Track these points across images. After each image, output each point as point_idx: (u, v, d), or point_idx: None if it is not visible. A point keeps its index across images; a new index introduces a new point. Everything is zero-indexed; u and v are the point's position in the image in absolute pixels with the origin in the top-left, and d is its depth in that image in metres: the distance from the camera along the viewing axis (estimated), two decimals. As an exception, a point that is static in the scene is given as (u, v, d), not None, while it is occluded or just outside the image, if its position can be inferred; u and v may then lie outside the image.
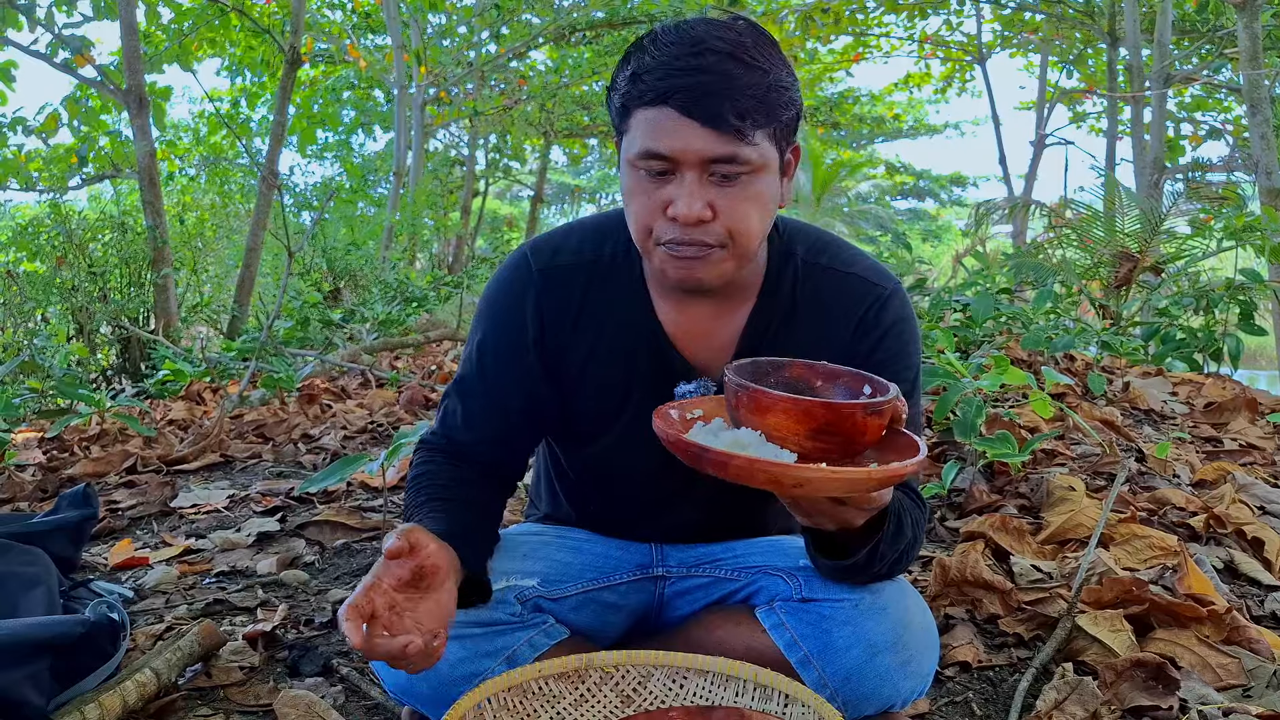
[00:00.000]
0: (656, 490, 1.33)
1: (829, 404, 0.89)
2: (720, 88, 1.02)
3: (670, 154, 1.04)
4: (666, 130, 1.04)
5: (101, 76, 6.69)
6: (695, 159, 1.04)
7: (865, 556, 1.11)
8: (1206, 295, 4.13)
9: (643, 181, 1.08)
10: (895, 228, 25.63)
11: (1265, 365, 10.43)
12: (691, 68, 1.02)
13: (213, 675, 1.45)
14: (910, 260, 7.60)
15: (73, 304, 6.20)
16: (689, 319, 1.23)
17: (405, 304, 7.25)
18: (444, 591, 1.03)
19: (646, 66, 1.05)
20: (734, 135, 1.03)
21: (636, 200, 1.10)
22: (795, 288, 1.23)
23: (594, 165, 25.17)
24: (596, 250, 1.25)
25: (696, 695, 1.16)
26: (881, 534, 1.09)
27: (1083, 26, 12.36)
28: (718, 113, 1.02)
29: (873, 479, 0.85)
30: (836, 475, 0.84)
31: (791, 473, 0.84)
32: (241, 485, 2.68)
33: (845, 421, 0.88)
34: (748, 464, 0.85)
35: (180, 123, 16.13)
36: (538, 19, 13.36)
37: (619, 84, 1.09)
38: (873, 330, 1.22)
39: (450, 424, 1.30)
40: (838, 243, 1.29)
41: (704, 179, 1.05)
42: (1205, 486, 2.33)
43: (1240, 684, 1.37)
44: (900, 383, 1.22)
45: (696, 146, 1.03)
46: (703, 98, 1.02)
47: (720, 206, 1.06)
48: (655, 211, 1.08)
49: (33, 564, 1.61)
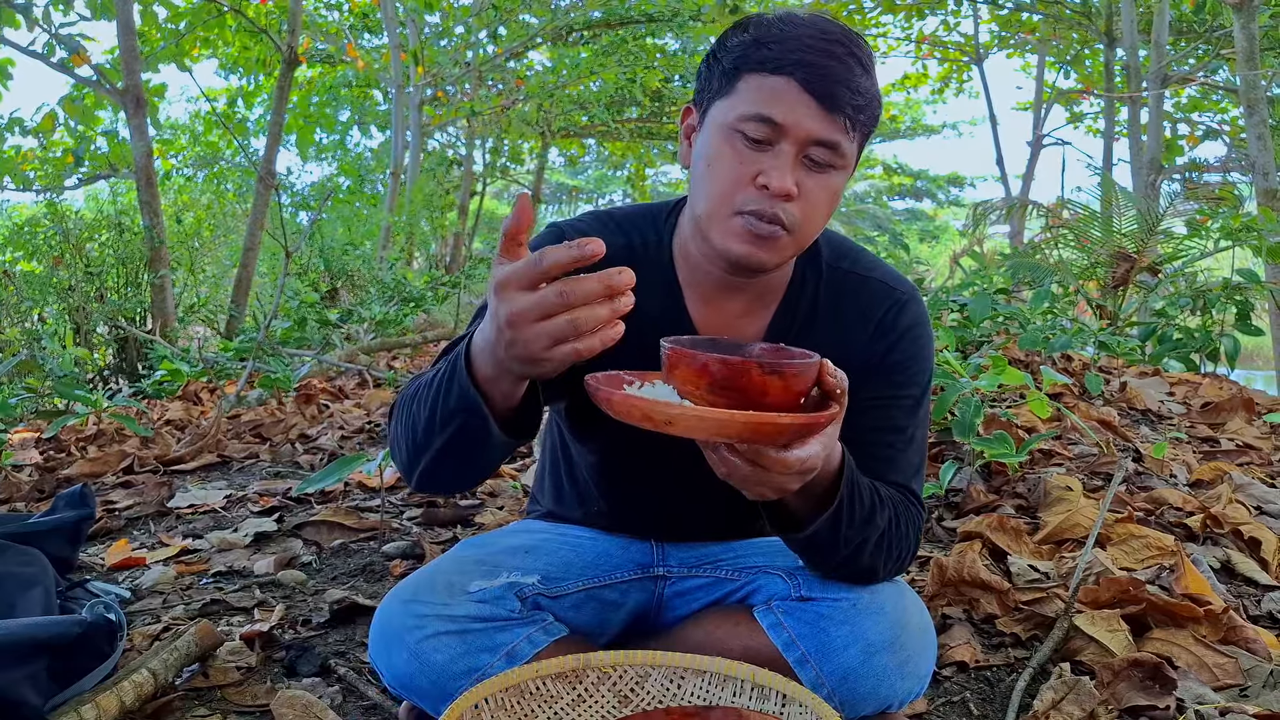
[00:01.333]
0: (663, 485, 1.33)
1: (723, 359, 0.90)
2: (844, 77, 1.05)
3: (783, 122, 1.06)
4: (784, 100, 1.05)
5: (98, 76, 6.68)
6: (802, 135, 1.06)
7: (826, 530, 1.08)
8: (1203, 295, 4.14)
9: (737, 146, 1.08)
10: (893, 228, 25.66)
11: (1262, 365, 10.44)
12: (822, 49, 1.05)
13: (210, 675, 1.45)
14: (908, 261, 7.61)
15: (69, 304, 6.20)
16: (718, 314, 1.24)
17: (403, 304, 7.24)
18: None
19: (774, 36, 1.07)
20: (842, 124, 1.06)
21: (724, 164, 1.09)
22: (819, 290, 1.25)
23: (591, 165, 25.16)
24: (629, 238, 1.25)
25: (694, 695, 1.16)
26: (837, 506, 1.06)
27: (1080, 27, 12.38)
28: (838, 98, 1.05)
29: (736, 420, 0.86)
30: (702, 414, 0.85)
31: (660, 409, 0.86)
32: (239, 485, 2.68)
33: (740, 377, 0.89)
34: (624, 401, 0.87)
35: (176, 122, 16.12)
36: (535, 19, 13.36)
37: (730, 47, 1.10)
38: (890, 333, 1.24)
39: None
40: (859, 249, 1.32)
41: (799, 159, 1.07)
42: (1202, 486, 2.34)
43: (1237, 684, 1.38)
44: (913, 386, 1.24)
45: (809, 124, 1.06)
46: (827, 80, 1.05)
47: (804, 189, 1.08)
48: (743, 179, 1.08)
49: (30, 564, 1.60)
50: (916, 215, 29.69)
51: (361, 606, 1.71)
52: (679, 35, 13.62)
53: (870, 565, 1.17)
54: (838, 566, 1.17)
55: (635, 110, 15.79)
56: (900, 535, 1.17)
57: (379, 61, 13.00)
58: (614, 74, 13.46)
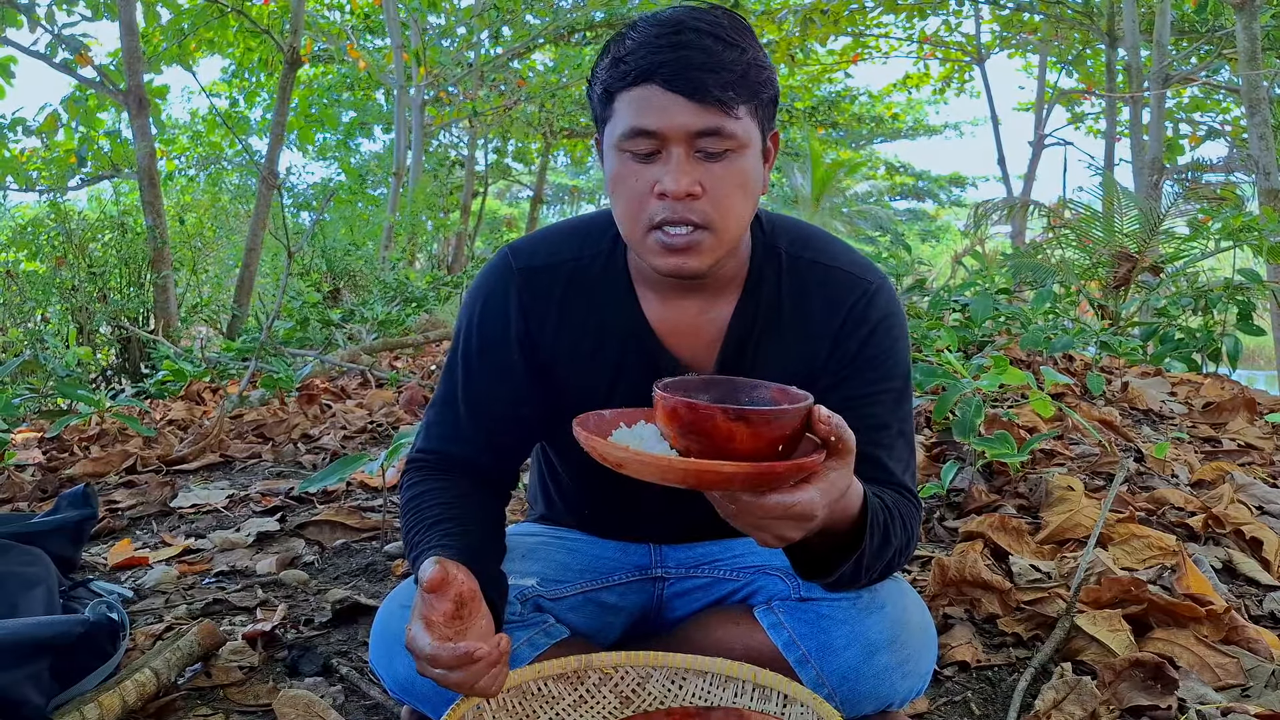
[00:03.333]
0: (648, 492, 1.32)
1: (689, 404, 0.90)
2: (702, 62, 1.03)
3: (658, 129, 1.05)
4: (653, 107, 1.05)
5: (101, 77, 6.69)
6: (682, 133, 1.05)
7: (850, 572, 1.07)
8: (1205, 295, 4.14)
9: (630, 165, 1.08)
10: (894, 228, 25.64)
11: (1264, 365, 10.44)
12: (673, 44, 1.04)
13: (212, 675, 1.45)
14: (910, 260, 7.60)
15: (72, 304, 6.20)
16: (676, 315, 1.22)
17: (405, 304, 7.25)
18: (484, 616, 1.03)
19: (628, 50, 1.06)
20: (718, 108, 1.04)
21: (625, 185, 1.09)
22: (780, 281, 1.22)
23: (594, 166, 25.16)
24: (577, 252, 1.24)
25: (695, 696, 1.16)
26: (861, 553, 1.05)
27: (1081, 27, 12.36)
28: (702, 85, 1.03)
29: (675, 467, 0.87)
30: (642, 458, 0.87)
31: (611, 451, 0.88)
32: (241, 485, 2.68)
33: (704, 423, 0.89)
34: (585, 439, 0.91)
35: (177, 121, 16.13)
36: (538, 20, 13.37)
37: (599, 74, 1.10)
38: (860, 326, 1.20)
39: (436, 435, 1.28)
40: (823, 236, 1.27)
41: (690, 156, 1.06)
42: (1204, 486, 2.34)
43: (1239, 684, 1.38)
44: (892, 379, 1.21)
45: (682, 120, 1.04)
46: (686, 71, 1.03)
47: (707, 184, 1.06)
48: (644, 194, 1.08)
49: (32, 564, 1.61)
50: (918, 215, 29.67)
51: (364, 606, 1.71)
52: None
53: (876, 575, 1.15)
54: (849, 585, 1.15)
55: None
56: (906, 540, 1.16)
57: (381, 62, 13.00)
58: (615, 74, 13.43)
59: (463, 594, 1.01)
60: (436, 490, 1.22)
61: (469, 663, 0.96)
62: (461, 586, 1.01)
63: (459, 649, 0.95)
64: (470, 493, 1.24)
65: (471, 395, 1.26)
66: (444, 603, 1.00)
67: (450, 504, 1.20)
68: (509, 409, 1.25)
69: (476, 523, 1.20)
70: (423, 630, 0.98)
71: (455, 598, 1.00)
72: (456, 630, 1.00)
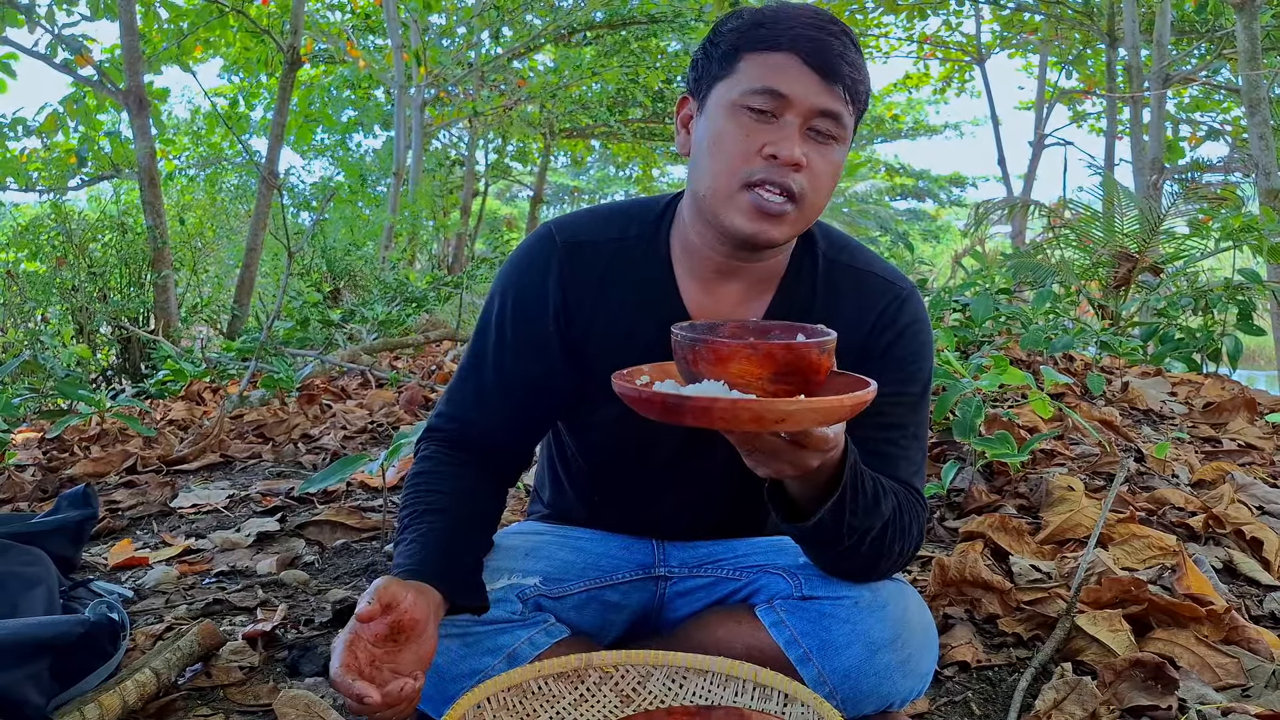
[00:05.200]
0: (660, 475, 1.33)
1: (789, 345, 0.93)
2: (840, 51, 1.11)
3: (788, 94, 1.09)
4: (787, 73, 1.10)
5: (100, 77, 6.69)
6: (807, 106, 1.10)
7: (831, 518, 1.08)
8: (1205, 295, 4.14)
9: (742, 121, 1.11)
10: (895, 228, 25.63)
11: (1264, 365, 10.43)
12: (818, 27, 1.11)
13: (212, 675, 1.45)
14: (911, 260, 7.61)
15: (73, 304, 6.20)
16: (714, 302, 1.25)
17: (405, 304, 7.24)
18: (423, 640, 1.05)
19: (770, 18, 1.12)
20: (843, 96, 1.11)
21: (729, 139, 1.12)
22: (816, 280, 1.26)
23: (594, 166, 25.15)
24: (621, 232, 1.27)
25: (696, 695, 1.16)
26: (841, 492, 1.06)
27: (1082, 27, 12.36)
28: (837, 71, 1.10)
29: (845, 405, 0.90)
30: (816, 405, 0.88)
31: (776, 408, 0.88)
32: (241, 485, 2.68)
33: (803, 361, 0.93)
34: (730, 405, 0.87)
35: (177, 121, 16.12)
36: (538, 19, 13.36)
37: (727, 31, 1.14)
38: (889, 329, 1.24)
39: (459, 401, 1.29)
40: (856, 244, 1.32)
41: (803, 131, 1.11)
42: (1204, 486, 2.34)
43: (1239, 684, 1.38)
44: (914, 384, 1.24)
45: (812, 95, 1.10)
46: (827, 54, 1.10)
47: (810, 161, 1.11)
48: (749, 152, 1.11)
49: (33, 564, 1.61)
50: (918, 215, 29.66)
51: (364, 606, 1.71)
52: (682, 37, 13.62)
53: (873, 556, 1.16)
54: (841, 557, 1.17)
55: (638, 111, 15.79)
56: (903, 528, 1.17)
57: (381, 62, 13.00)
58: (616, 74, 13.46)
59: (403, 622, 1.03)
60: (440, 473, 1.25)
61: (358, 703, 0.97)
62: (405, 615, 1.03)
63: (353, 688, 0.96)
64: (473, 481, 1.25)
65: (501, 363, 1.27)
66: (378, 627, 1.02)
67: (447, 494, 1.22)
68: (538, 380, 1.26)
69: (465, 521, 1.21)
70: (339, 649, 0.99)
71: (392, 624, 1.02)
72: (386, 651, 1.02)
